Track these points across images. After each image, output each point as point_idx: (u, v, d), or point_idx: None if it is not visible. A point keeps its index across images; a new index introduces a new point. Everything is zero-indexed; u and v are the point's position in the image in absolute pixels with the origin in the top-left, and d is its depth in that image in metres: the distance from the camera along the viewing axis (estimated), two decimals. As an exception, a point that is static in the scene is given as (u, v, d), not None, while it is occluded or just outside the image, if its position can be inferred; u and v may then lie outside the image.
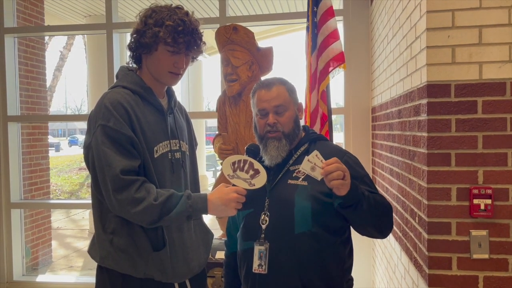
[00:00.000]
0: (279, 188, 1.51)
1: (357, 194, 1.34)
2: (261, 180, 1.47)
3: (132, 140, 1.43)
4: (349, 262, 1.55)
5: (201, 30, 1.56)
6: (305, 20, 2.82)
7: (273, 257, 1.46)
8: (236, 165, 1.49)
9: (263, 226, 1.49)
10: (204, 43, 1.58)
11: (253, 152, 1.61)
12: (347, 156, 1.54)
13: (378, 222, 1.46)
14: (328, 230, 1.46)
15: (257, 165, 1.49)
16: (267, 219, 1.49)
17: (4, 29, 3.80)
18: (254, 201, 1.53)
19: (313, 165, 1.31)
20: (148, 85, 1.55)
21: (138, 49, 1.52)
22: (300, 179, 1.49)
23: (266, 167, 1.57)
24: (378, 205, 1.43)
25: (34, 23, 4.60)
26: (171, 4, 1.55)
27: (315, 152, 1.32)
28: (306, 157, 1.32)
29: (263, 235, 1.48)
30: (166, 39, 1.46)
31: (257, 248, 1.47)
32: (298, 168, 1.51)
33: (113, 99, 1.45)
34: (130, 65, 1.60)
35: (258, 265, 1.47)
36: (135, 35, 1.51)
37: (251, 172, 1.48)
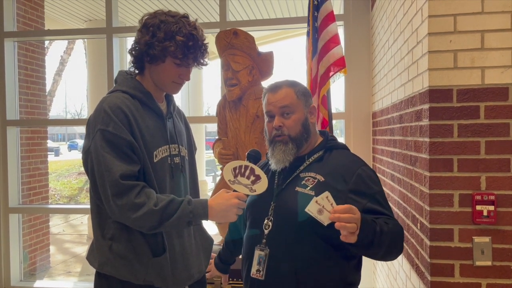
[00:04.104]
0: (285, 194, 1.48)
1: (368, 237, 1.26)
2: (262, 186, 1.45)
3: (132, 145, 1.41)
4: (352, 277, 1.48)
5: (207, 41, 1.55)
6: (305, 25, 2.81)
7: (272, 264, 1.43)
8: (237, 171, 1.47)
9: (266, 232, 1.47)
10: (208, 53, 1.57)
11: (254, 157, 1.59)
12: (361, 169, 1.46)
13: (386, 255, 1.40)
14: (331, 243, 1.40)
15: (258, 171, 1.47)
16: (270, 224, 1.47)
17: (4, 33, 3.80)
18: (259, 201, 1.52)
19: (321, 207, 1.22)
20: (147, 90, 1.54)
21: (144, 58, 1.50)
22: (308, 188, 1.44)
23: (275, 170, 1.55)
24: (388, 239, 1.33)
25: (34, 27, 4.59)
26: (176, 13, 1.53)
27: (326, 193, 1.23)
28: (315, 198, 1.23)
29: (264, 240, 1.46)
30: (177, 54, 1.45)
31: (257, 253, 1.46)
32: (308, 176, 1.48)
33: (112, 104, 1.43)
34: (129, 70, 1.59)
35: (257, 270, 1.45)
36: (142, 46, 1.48)
37: (252, 178, 1.46)
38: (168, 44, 1.45)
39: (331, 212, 1.21)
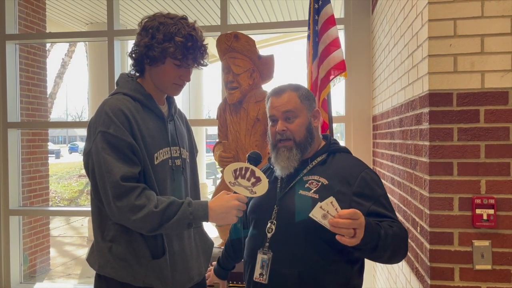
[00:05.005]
0: (289, 198, 1.47)
1: (373, 241, 1.26)
2: (262, 188, 1.45)
3: (133, 147, 1.42)
4: (355, 282, 1.46)
5: (206, 42, 1.56)
6: (306, 28, 2.82)
7: (275, 268, 1.43)
8: (237, 173, 1.48)
9: (269, 235, 1.46)
10: (208, 54, 1.58)
11: (255, 159, 1.59)
12: (365, 172, 1.46)
13: (391, 258, 1.39)
14: (334, 247, 1.38)
15: (258, 173, 1.47)
16: (273, 227, 1.46)
17: (5, 36, 3.81)
18: (262, 205, 1.52)
19: (325, 212, 1.21)
20: (148, 92, 1.55)
21: (144, 60, 1.51)
22: (312, 191, 1.43)
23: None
24: (393, 242, 1.33)
25: (35, 30, 4.61)
26: (175, 15, 1.53)
27: (331, 198, 1.22)
28: (319, 204, 1.22)
29: (267, 244, 1.46)
30: (177, 55, 1.46)
31: (260, 257, 1.45)
32: (312, 179, 1.47)
33: (113, 106, 1.44)
34: (131, 72, 1.60)
35: (260, 274, 1.44)
36: (141, 48, 1.49)
37: (253, 179, 1.46)
38: (167, 45, 1.45)
39: (336, 217, 1.20)
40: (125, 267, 1.46)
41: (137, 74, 1.58)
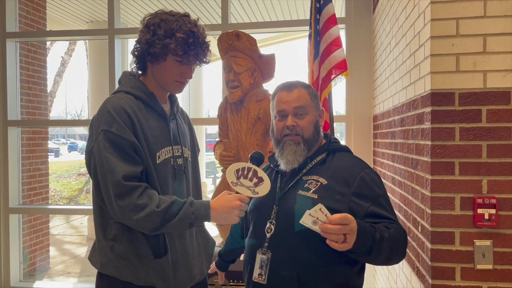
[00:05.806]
0: (288, 198, 1.47)
1: (366, 245, 1.26)
2: (264, 188, 1.44)
3: (135, 146, 1.41)
4: (355, 282, 1.45)
5: (208, 40, 1.55)
6: (307, 27, 2.82)
7: (274, 268, 1.42)
8: (240, 173, 1.47)
9: (268, 235, 1.46)
10: (210, 51, 1.57)
11: (257, 159, 1.57)
12: (364, 172, 1.44)
13: (387, 260, 1.38)
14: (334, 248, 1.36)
15: (261, 173, 1.47)
16: (272, 228, 1.46)
17: (6, 34, 3.81)
18: (262, 205, 1.51)
19: (315, 219, 1.22)
20: (151, 90, 1.55)
21: (145, 57, 1.51)
22: (311, 191, 1.43)
23: (279, 173, 1.54)
24: (390, 245, 1.32)
25: (36, 28, 4.61)
26: (177, 12, 1.53)
27: (319, 205, 1.22)
28: (308, 211, 1.22)
29: (266, 244, 1.45)
30: (177, 51, 1.45)
31: (259, 257, 1.44)
32: (311, 179, 1.46)
33: (116, 105, 1.43)
34: (133, 71, 1.59)
35: (259, 274, 1.44)
36: (143, 45, 1.49)
37: (255, 180, 1.45)
38: (168, 42, 1.45)
39: (326, 222, 1.21)
40: (127, 266, 1.45)
41: (140, 72, 1.58)
